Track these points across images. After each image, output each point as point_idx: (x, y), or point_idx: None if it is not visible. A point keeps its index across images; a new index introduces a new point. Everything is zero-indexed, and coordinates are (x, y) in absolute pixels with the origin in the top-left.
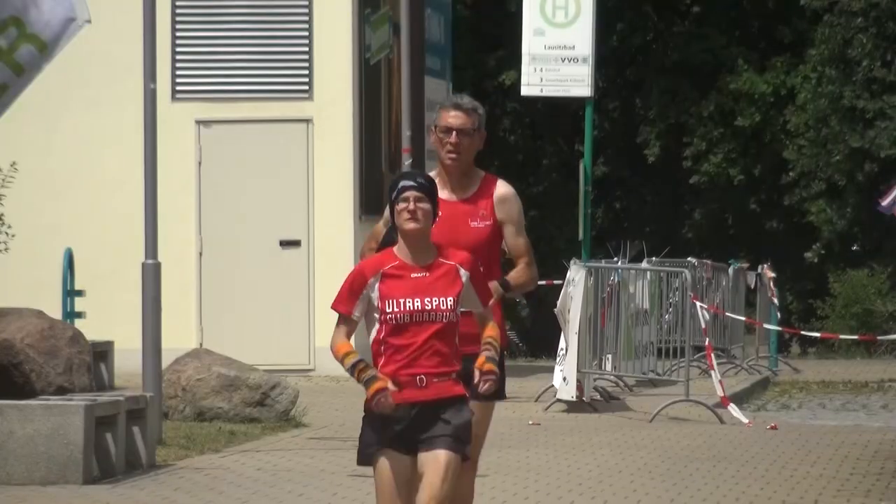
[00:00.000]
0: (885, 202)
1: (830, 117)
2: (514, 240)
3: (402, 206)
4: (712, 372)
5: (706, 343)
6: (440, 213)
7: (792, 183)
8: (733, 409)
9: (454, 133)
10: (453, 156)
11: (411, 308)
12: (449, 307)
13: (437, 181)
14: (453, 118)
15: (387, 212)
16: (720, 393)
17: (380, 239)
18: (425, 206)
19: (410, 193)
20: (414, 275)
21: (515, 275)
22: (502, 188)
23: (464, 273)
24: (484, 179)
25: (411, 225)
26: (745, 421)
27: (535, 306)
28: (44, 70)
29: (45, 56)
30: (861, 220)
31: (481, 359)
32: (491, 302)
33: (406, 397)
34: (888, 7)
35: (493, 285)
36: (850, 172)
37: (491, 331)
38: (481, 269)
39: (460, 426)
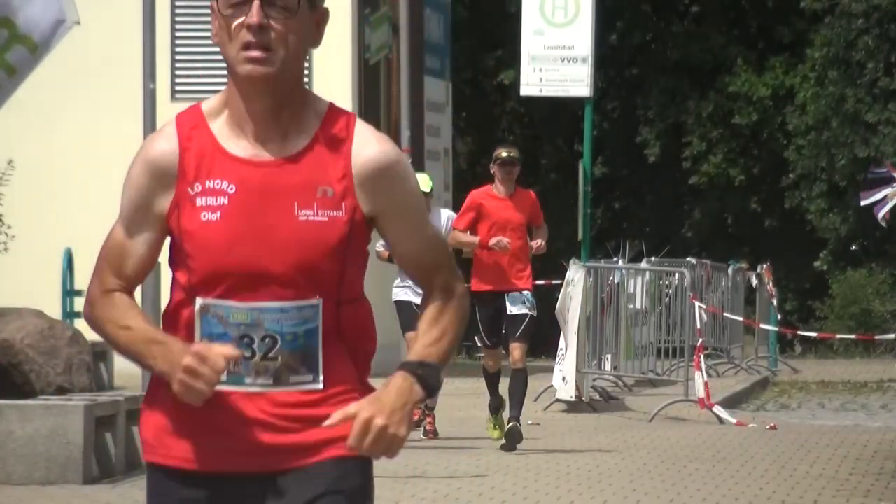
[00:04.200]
0: (869, 204)
1: (831, 119)
2: (411, 243)
3: None
4: (697, 373)
5: (698, 344)
6: (231, 190)
7: (792, 185)
8: (719, 410)
9: (255, 6)
10: (257, 55)
11: None
12: None
13: (222, 121)
14: None
15: None
16: (700, 394)
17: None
18: None
19: None
20: None
21: (431, 336)
22: (371, 142)
23: None
24: (328, 117)
25: None
26: (734, 421)
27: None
28: (36, 70)
29: (37, 57)
30: (863, 222)
31: None
32: None
33: None
34: (889, 9)
35: (401, 389)
36: (852, 175)
37: None
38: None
39: None
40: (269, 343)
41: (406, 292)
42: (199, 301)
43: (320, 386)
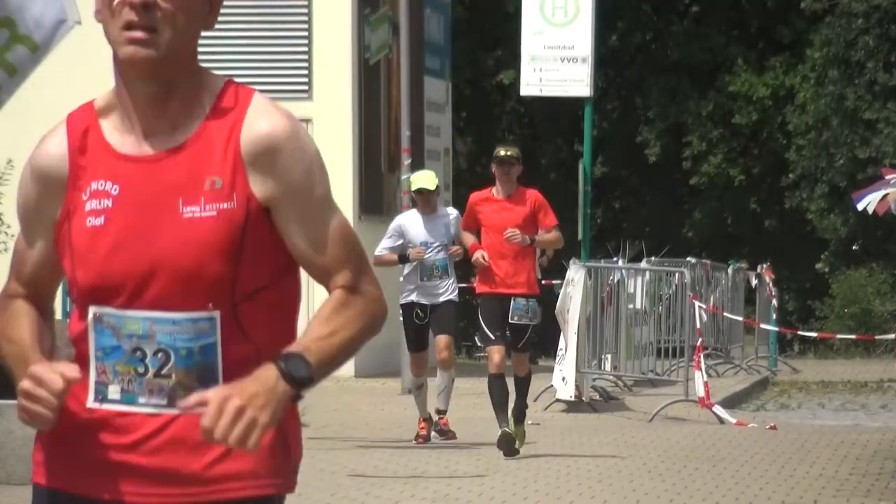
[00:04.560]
0: (859, 201)
1: (831, 118)
2: (308, 235)
3: None
4: (697, 373)
5: (698, 343)
6: (115, 191)
7: (792, 185)
8: (719, 409)
9: None
10: (139, 36)
11: None
12: None
13: (114, 117)
14: None
15: None
16: (701, 394)
17: None
18: None
19: None
20: None
21: (320, 331)
22: (263, 116)
23: None
24: (221, 98)
25: None
26: (734, 421)
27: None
28: (36, 70)
29: (37, 57)
30: (863, 222)
31: None
32: None
33: None
34: (889, 9)
35: (263, 378)
36: (852, 175)
37: None
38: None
39: None
40: (163, 358)
41: (412, 294)
42: (91, 310)
43: None
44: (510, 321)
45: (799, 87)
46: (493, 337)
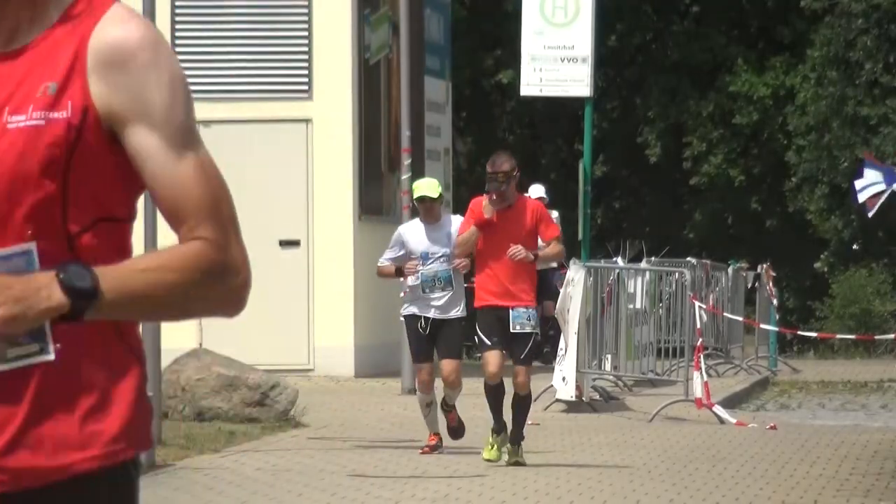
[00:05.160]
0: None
1: (831, 119)
2: (161, 166)
3: None
4: (696, 373)
5: (698, 343)
6: None
7: (794, 187)
8: (719, 409)
9: None
10: None
11: None
12: None
13: None
14: None
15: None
16: (698, 394)
17: None
18: None
19: None
20: None
21: (137, 262)
22: (119, 21)
23: None
24: (74, 5)
25: None
26: (734, 421)
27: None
28: None
29: None
30: (864, 223)
31: None
32: None
33: None
34: (889, 9)
35: (33, 277)
36: (853, 176)
37: None
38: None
39: None
40: None
41: (413, 305)
42: None
43: (51, 356)
44: (512, 331)
45: (799, 88)
46: (489, 342)
